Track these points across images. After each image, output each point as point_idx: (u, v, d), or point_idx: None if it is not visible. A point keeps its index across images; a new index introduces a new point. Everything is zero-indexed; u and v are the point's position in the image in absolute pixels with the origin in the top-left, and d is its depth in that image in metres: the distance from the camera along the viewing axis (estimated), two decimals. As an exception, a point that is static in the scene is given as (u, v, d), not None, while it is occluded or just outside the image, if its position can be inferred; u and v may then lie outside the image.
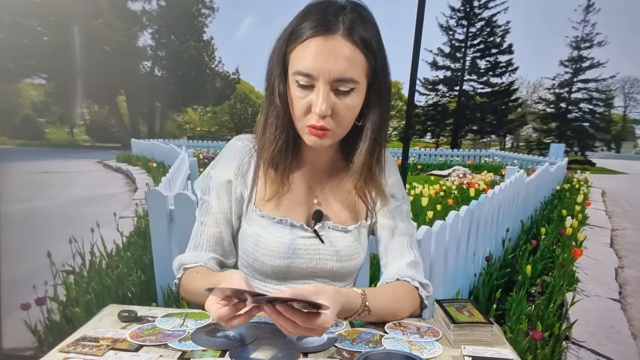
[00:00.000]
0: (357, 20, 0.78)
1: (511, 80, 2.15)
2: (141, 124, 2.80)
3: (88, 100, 2.78)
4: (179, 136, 2.83)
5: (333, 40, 0.76)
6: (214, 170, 0.98)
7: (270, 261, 0.91)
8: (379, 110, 0.85)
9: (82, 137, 2.84)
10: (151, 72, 2.73)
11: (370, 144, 0.87)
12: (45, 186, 2.28)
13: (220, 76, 2.72)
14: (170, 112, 2.83)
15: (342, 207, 0.98)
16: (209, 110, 2.83)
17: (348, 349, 0.73)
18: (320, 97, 0.78)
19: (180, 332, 0.78)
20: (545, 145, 2.32)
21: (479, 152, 2.29)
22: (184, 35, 2.70)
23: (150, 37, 2.69)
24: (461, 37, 2.15)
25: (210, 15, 2.62)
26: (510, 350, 0.72)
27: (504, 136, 2.24)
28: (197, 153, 2.91)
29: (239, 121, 2.86)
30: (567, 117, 2.23)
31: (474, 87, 2.19)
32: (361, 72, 0.79)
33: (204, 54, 2.68)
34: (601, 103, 2.25)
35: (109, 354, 0.69)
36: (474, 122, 2.22)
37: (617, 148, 2.32)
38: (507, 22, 2.07)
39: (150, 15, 2.64)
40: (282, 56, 0.82)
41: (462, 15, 2.15)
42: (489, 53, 2.11)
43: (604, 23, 2.07)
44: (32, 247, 2.08)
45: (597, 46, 2.12)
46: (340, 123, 0.82)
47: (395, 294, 0.88)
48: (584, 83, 2.20)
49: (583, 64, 2.17)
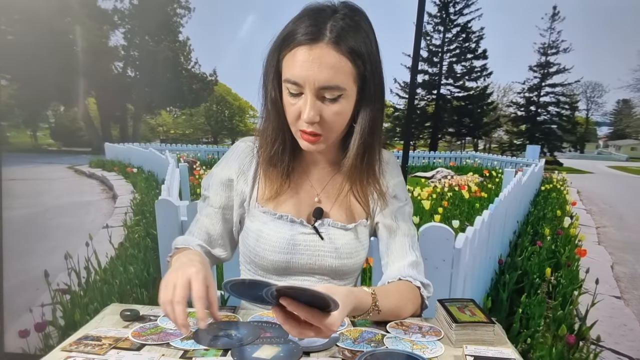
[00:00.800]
0: (347, 27, 0.79)
1: (486, 84, 2.22)
2: (112, 127, 2.69)
3: (55, 102, 2.64)
4: (152, 139, 2.75)
5: (317, 48, 0.78)
6: (217, 169, 0.99)
7: (270, 256, 0.92)
8: (369, 115, 0.86)
9: (47, 141, 2.69)
10: (124, 73, 2.63)
11: (358, 148, 0.89)
12: (14, 195, 2.15)
13: (197, 78, 2.65)
14: (145, 114, 2.73)
15: (342, 205, 0.99)
16: (185, 112, 2.75)
17: (350, 349, 0.74)
18: (308, 104, 0.80)
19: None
20: (516, 147, 2.42)
21: (459, 153, 2.36)
22: (158, 35, 2.62)
23: (122, 37, 2.59)
24: (438, 42, 2.21)
25: (186, 16, 2.55)
26: (512, 350, 0.75)
27: (479, 138, 2.31)
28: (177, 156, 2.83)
29: (216, 123, 2.80)
30: (537, 119, 2.34)
31: (451, 90, 2.25)
32: (348, 78, 0.80)
33: (179, 54, 2.60)
34: (567, 106, 2.37)
35: (111, 353, 0.69)
36: (452, 124, 2.29)
37: (581, 149, 2.45)
38: (481, 28, 2.15)
39: (122, 14, 2.54)
40: (275, 62, 0.84)
41: (438, 21, 2.20)
42: (464, 58, 2.18)
43: (569, 31, 2.18)
44: (9, 262, 1.95)
45: (563, 52, 2.23)
46: (329, 128, 0.84)
47: (400, 294, 0.93)
48: (552, 87, 2.31)
49: (550, 70, 2.28)
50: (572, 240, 2.19)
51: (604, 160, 2.42)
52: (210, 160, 2.81)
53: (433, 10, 2.22)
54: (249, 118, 2.80)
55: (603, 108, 2.40)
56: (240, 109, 2.77)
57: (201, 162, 2.81)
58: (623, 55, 2.10)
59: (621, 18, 2.04)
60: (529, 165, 2.29)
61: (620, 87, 2.17)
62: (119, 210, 2.39)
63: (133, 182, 2.52)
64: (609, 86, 2.28)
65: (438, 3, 2.20)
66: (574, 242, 2.19)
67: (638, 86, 2.14)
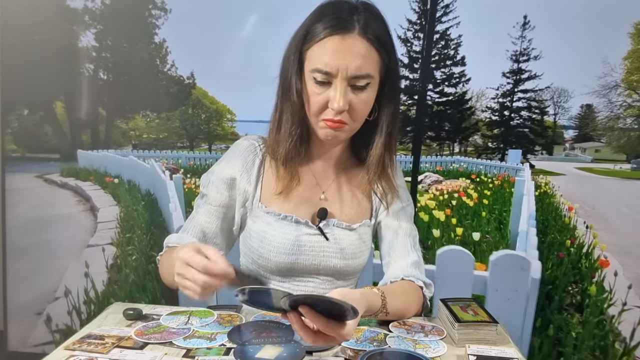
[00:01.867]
0: (370, 19, 0.82)
1: (464, 90, 2.29)
2: (83, 133, 2.56)
3: (20, 105, 2.49)
4: (124, 144, 2.63)
5: (350, 38, 0.80)
6: (218, 167, 0.98)
7: (275, 257, 0.91)
8: (393, 105, 0.90)
9: (10, 147, 2.53)
10: (95, 75, 2.51)
11: (386, 137, 0.91)
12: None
13: (174, 81, 2.57)
14: (118, 119, 2.62)
15: (348, 204, 1.00)
16: (160, 116, 2.66)
17: (352, 348, 0.74)
18: (338, 92, 0.81)
19: (185, 329, 0.78)
20: (491, 151, 2.51)
21: (445, 158, 2.41)
22: (132, 36, 2.52)
23: (93, 38, 2.47)
24: (418, 49, 2.26)
25: (162, 17, 2.47)
26: (515, 350, 0.76)
27: (460, 143, 2.38)
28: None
29: (191, 127, 2.72)
30: (510, 124, 2.43)
31: (431, 96, 2.30)
32: (375, 68, 0.83)
33: (155, 57, 2.52)
34: (538, 111, 2.47)
35: (114, 352, 0.69)
36: (432, 129, 2.34)
37: (549, 151, 2.56)
38: (459, 35, 2.21)
39: (93, 13, 2.43)
40: (298, 55, 0.85)
41: (418, 28, 2.25)
42: (443, 65, 2.24)
43: (540, 39, 2.29)
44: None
45: (534, 60, 2.33)
46: (356, 117, 0.86)
47: (405, 294, 0.91)
48: (524, 93, 2.41)
49: (522, 76, 2.37)
50: (591, 250, 2.13)
51: (571, 161, 2.54)
52: (192, 166, 2.73)
53: (413, 17, 2.27)
54: (227, 122, 2.74)
55: (569, 112, 2.53)
56: (218, 112, 2.70)
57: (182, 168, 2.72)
58: (589, 62, 2.23)
59: (587, 28, 2.17)
60: (514, 169, 2.38)
61: (587, 92, 2.30)
62: (103, 225, 2.25)
63: (113, 193, 2.39)
64: (574, 92, 2.41)
65: (417, 11, 2.25)
66: (592, 251, 2.13)
67: (603, 92, 2.27)
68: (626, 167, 2.38)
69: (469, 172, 2.51)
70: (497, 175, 2.48)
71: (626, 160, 2.42)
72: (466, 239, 2.06)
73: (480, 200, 2.40)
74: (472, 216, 2.17)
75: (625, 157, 2.43)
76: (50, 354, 0.68)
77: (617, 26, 2.13)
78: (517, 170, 2.43)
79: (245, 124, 2.70)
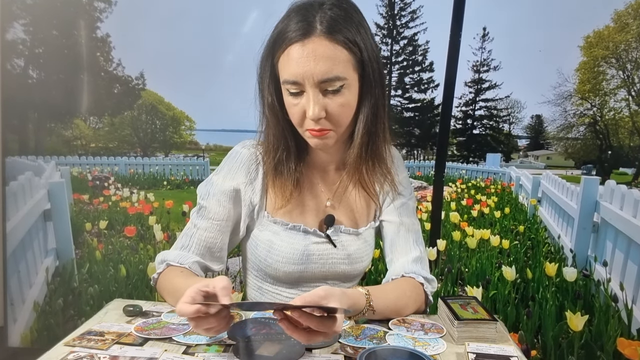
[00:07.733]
0: (336, 16, 0.77)
1: (433, 96, 2.30)
2: (10, 139, 2.20)
3: None
4: (68, 154, 2.32)
5: (311, 43, 0.75)
6: (217, 177, 0.93)
7: (283, 267, 0.90)
8: (371, 102, 0.84)
9: None
10: (24, 72, 2.18)
11: (363, 137, 0.86)
12: None
13: (119, 81, 2.30)
14: (51, 123, 2.29)
15: (353, 209, 0.99)
16: (106, 122, 2.37)
17: (352, 345, 0.74)
18: (311, 101, 0.77)
19: (185, 326, 0.78)
20: (457, 157, 2.54)
21: (425, 162, 2.39)
22: (69, 30, 2.22)
23: (22, 30, 2.15)
24: (386, 54, 2.23)
25: (106, 10, 2.20)
26: (514, 347, 0.75)
27: (430, 148, 2.37)
28: (83, 173, 2.41)
29: (144, 135, 2.47)
30: (473, 132, 2.47)
31: (400, 102, 2.28)
32: (347, 67, 0.78)
33: (97, 54, 2.24)
34: (498, 119, 2.55)
35: (114, 348, 0.69)
36: (402, 135, 2.32)
37: (507, 158, 2.64)
38: (427, 41, 2.22)
39: (22, 3, 2.11)
40: (270, 67, 0.82)
41: (386, 33, 2.23)
42: (412, 70, 2.22)
43: (498, 50, 2.36)
44: None
45: (493, 70, 2.40)
46: (337, 122, 0.82)
47: (399, 292, 0.90)
48: (485, 102, 2.47)
49: (483, 86, 2.43)
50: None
51: (526, 168, 2.65)
52: (133, 175, 2.45)
53: (381, 22, 2.24)
54: (185, 130, 2.51)
55: (522, 122, 2.64)
56: (175, 119, 2.47)
57: (119, 177, 2.44)
58: (544, 73, 2.33)
59: (542, 39, 2.27)
60: (496, 173, 2.44)
61: (543, 102, 2.40)
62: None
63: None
64: (527, 103, 2.52)
65: (385, 15, 2.23)
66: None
67: (557, 101, 2.39)
68: (577, 173, 2.52)
69: (452, 177, 2.53)
70: (485, 180, 2.53)
71: (575, 167, 2.56)
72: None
73: (499, 209, 2.46)
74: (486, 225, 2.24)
75: (574, 164, 2.57)
76: (50, 350, 0.67)
77: (570, 38, 2.26)
78: (499, 173, 2.51)
79: (206, 132, 2.49)
